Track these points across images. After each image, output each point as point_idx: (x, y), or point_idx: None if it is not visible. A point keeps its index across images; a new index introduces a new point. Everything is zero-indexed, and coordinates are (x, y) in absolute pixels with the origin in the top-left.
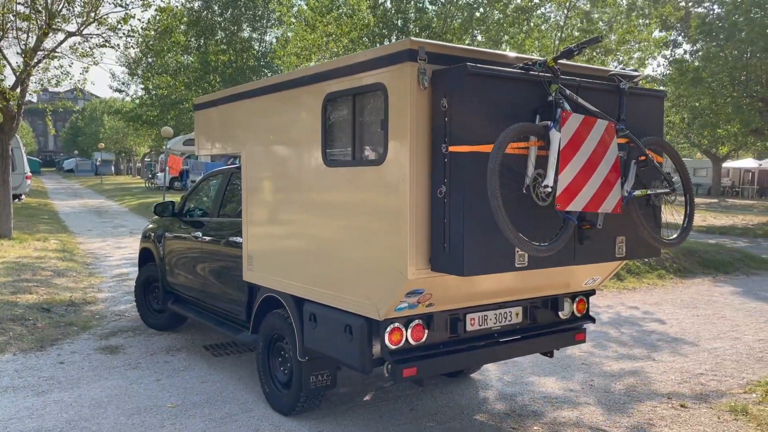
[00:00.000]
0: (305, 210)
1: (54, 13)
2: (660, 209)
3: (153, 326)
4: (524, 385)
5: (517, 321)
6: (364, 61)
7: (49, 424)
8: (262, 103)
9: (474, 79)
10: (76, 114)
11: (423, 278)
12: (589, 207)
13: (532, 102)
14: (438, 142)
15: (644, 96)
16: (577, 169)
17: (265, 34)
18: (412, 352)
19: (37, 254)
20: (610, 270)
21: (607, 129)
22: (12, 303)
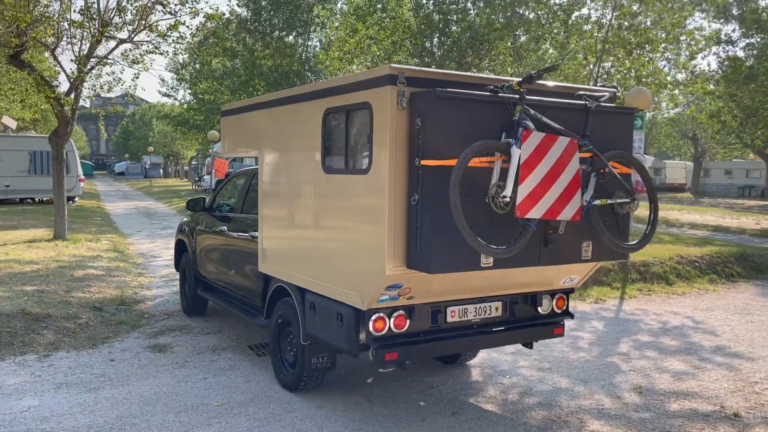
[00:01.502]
0: (308, 210)
1: (106, 20)
2: (626, 217)
3: (185, 311)
4: (564, 391)
5: (496, 314)
6: (356, 82)
7: (100, 420)
8: (274, 114)
9: (442, 102)
10: (126, 118)
11: (400, 274)
12: (549, 215)
13: (499, 121)
14: (413, 155)
15: (613, 113)
16: (537, 181)
17: (308, 39)
18: (395, 339)
19: (89, 254)
20: (587, 271)
21: (569, 145)
22: (66, 302)
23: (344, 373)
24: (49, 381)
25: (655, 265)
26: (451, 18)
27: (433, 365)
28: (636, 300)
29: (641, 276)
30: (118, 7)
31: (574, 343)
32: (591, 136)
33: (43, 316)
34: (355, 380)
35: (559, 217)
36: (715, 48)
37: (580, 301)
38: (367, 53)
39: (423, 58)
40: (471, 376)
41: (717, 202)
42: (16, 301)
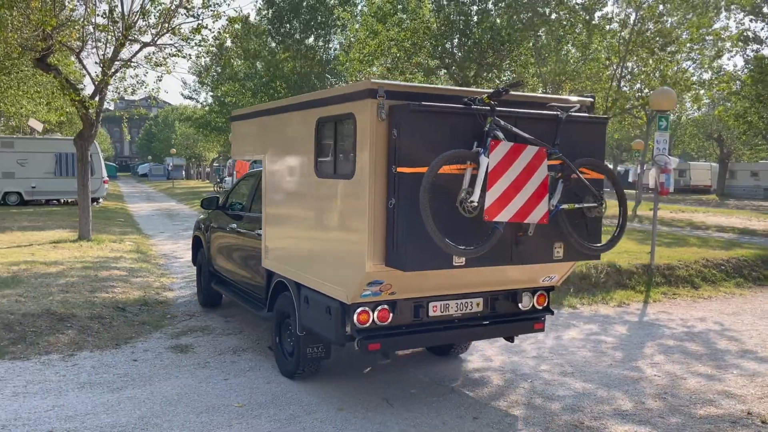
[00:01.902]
0: (303, 211)
1: (130, 24)
2: (597, 219)
3: (201, 303)
4: (587, 396)
5: (478, 310)
6: (342, 94)
7: (123, 419)
8: (276, 121)
9: (416, 115)
10: (149, 121)
11: (380, 271)
12: (516, 218)
13: (472, 131)
14: (391, 163)
15: (585, 122)
16: (505, 187)
17: (329, 42)
18: (378, 330)
19: (113, 255)
20: (565, 270)
21: (537, 153)
22: (90, 302)
23: (364, 376)
24: (72, 380)
25: (680, 268)
26: (472, 19)
27: (454, 368)
28: (660, 304)
29: (666, 279)
30: (141, 10)
31: (596, 347)
32: (561, 145)
33: (67, 315)
34: (375, 383)
35: (526, 221)
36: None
37: (603, 305)
38: (387, 55)
39: (443, 59)
40: (492, 379)
41: (743, 205)
42: (42, 301)
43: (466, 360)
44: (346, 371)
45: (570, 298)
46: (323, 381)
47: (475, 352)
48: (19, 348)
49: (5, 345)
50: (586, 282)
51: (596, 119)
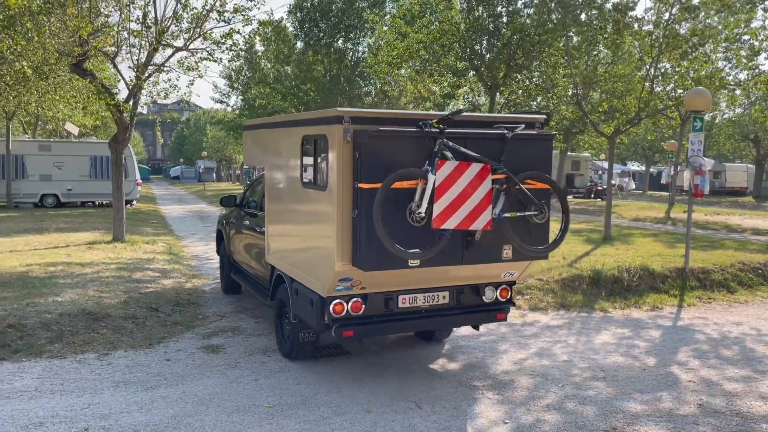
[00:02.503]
0: (292, 214)
1: (163, 29)
2: (542, 226)
3: (223, 290)
4: (621, 401)
5: (444, 302)
6: (319, 118)
7: (156, 418)
8: (274, 134)
9: (374, 138)
10: (181, 124)
11: (348, 270)
12: (461, 226)
13: (424, 151)
14: (355, 179)
15: (532, 139)
16: (451, 199)
17: (358, 44)
18: (352, 320)
19: (146, 256)
20: (523, 268)
21: (482, 170)
22: (124, 302)
23: (392, 378)
24: (107, 379)
25: (715, 272)
26: (501, 21)
27: (482, 370)
28: (695, 308)
29: (701, 283)
30: (174, 15)
31: (629, 351)
32: (508, 160)
33: (102, 315)
34: (403, 385)
35: (471, 228)
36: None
37: (635, 309)
38: (415, 57)
39: (472, 60)
40: (522, 383)
41: None
42: (78, 301)
43: (494, 363)
44: (375, 374)
45: (601, 301)
46: (352, 383)
47: (504, 354)
48: (56, 347)
49: (43, 344)
50: (618, 285)
51: (542, 136)
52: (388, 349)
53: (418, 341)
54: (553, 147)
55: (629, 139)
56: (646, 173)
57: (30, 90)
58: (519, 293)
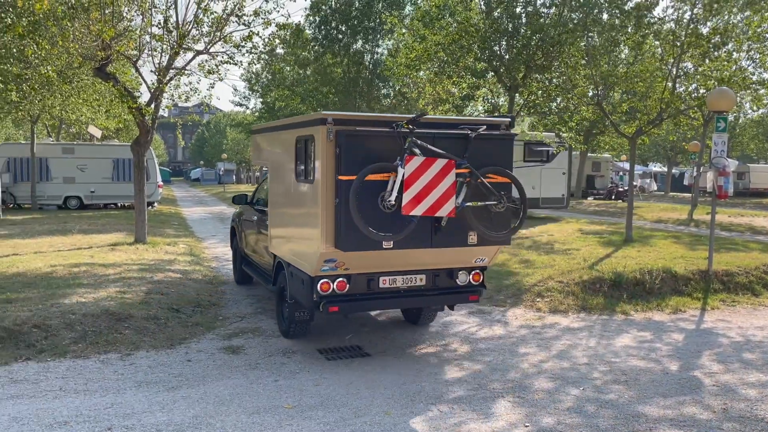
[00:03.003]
0: (289, 206)
1: (184, 33)
2: (502, 214)
3: (236, 281)
4: (642, 404)
5: (421, 284)
6: (308, 120)
7: (178, 418)
8: (274, 136)
9: (352, 137)
10: (202, 127)
11: (332, 252)
12: (428, 213)
13: (396, 148)
14: (337, 172)
15: (493, 138)
16: (418, 190)
17: (376, 46)
18: (338, 297)
19: (167, 257)
20: (492, 253)
21: (446, 165)
22: (146, 303)
23: (412, 380)
24: (130, 379)
25: (739, 274)
26: (520, 21)
27: (501, 372)
28: (719, 311)
29: (724, 286)
30: (195, 19)
31: (650, 355)
32: (472, 156)
33: (125, 316)
34: (422, 387)
35: (436, 215)
36: None
37: (657, 312)
38: (434, 59)
39: (491, 62)
40: (543, 385)
41: None
42: (101, 302)
43: (514, 365)
44: (394, 375)
45: (623, 304)
46: (371, 384)
47: (524, 356)
48: (80, 347)
49: (67, 344)
50: (640, 288)
51: (503, 136)
52: (407, 351)
53: (429, 343)
54: (513, 146)
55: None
56: (668, 174)
57: (54, 94)
58: (539, 295)
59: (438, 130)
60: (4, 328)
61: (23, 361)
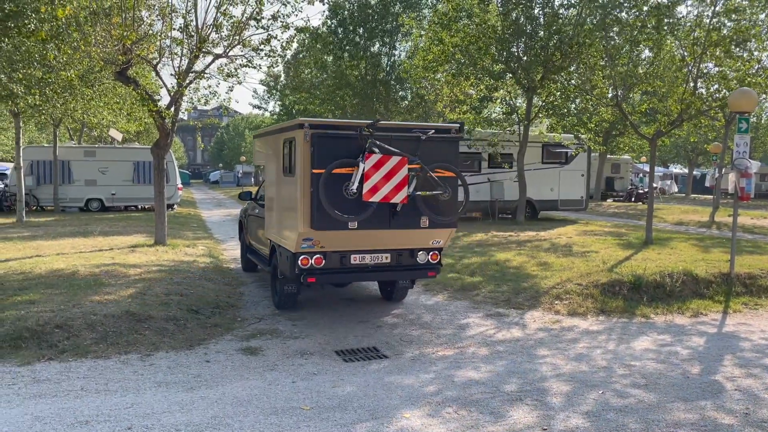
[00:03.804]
0: (278, 196)
1: (204, 37)
2: (449, 202)
3: (243, 269)
4: (662, 409)
5: (386, 262)
6: (291, 126)
7: (197, 419)
8: (268, 139)
9: (322, 139)
10: (221, 130)
11: (309, 232)
12: (384, 200)
13: (359, 147)
14: (312, 167)
15: (441, 140)
16: (376, 181)
17: (393, 48)
18: (315, 270)
19: (187, 259)
20: (446, 236)
21: (400, 161)
22: (166, 304)
23: (429, 382)
24: (150, 379)
25: (763, 277)
26: (539, 22)
27: (519, 374)
28: (741, 315)
29: (747, 289)
30: (214, 23)
31: (670, 358)
32: (422, 154)
33: (145, 317)
34: (439, 389)
35: (392, 201)
36: None
37: (678, 315)
38: (451, 61)
39: (509, 63)
40: (561, 388)
41: None
42: (121, 303)
43: (532, 368)
44: (411, 378)
45: (643, 307)
46: (388, 387)
47: (542, 359)
48: (101, 347)
49: (88, 344)
50: (660, 291)
51: (450, 138)
52: (424, 353)
53: (446, 345)
54: (458, 146)
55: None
56: (689, 176)
57: (76, 97)
58: (557, 298)
59: (395, 133)
60: (27, 328)
61: (46, 360)
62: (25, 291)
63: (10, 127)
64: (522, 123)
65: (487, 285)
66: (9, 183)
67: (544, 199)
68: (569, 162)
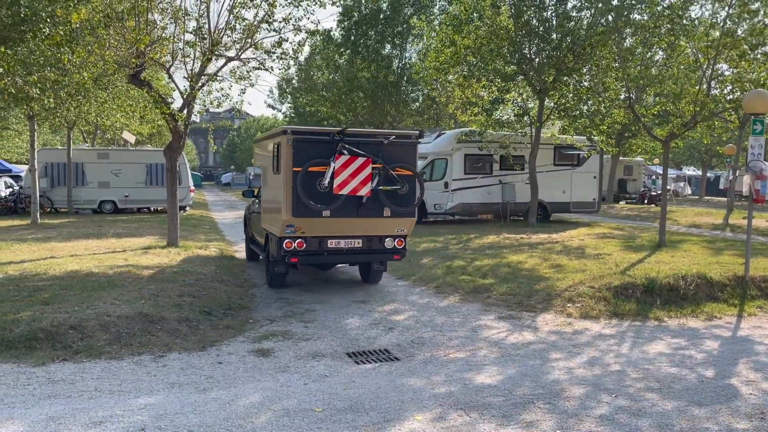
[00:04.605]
0: (269, 191)
1: (217, 40)
2: (406, 196)
3: (247, 259)
4: (678, 414)
5: (359, 246)
6: (278, 132)
7: (209, 420)
8: (263, 144)
9: (301, 143)
10: (233, 132)
11: (291, 220)
12: (352, 192)
13: (331, 150)
14: (293, 165)
15: (401, 144)
16: (344, 177)
17: (404, 50)
18: (298, 252)
19: (199, 261)
20: (409, 225)
21: (365, 161)
22: (178, 305)
23: (441, 385)
24: (162, 380)
25: None
26: (551, 24)
27: (532, 377)
28: (756, 318)
29: (762, 292)
30: (227, 26)
31: (684, 362)
32: (385, 156)
33: (158, 318)
34: (452, 392)
35: (358, 194)
36: None
37: (691, 318)
38: (463, 63)
39: (521, 65)
40: (574, 392)
41: None
42: (135, 305)
43: (545, 371)
44: (423, 380)
45: (656, 310)
46: (400, 389)
47: (555, 362)
48: (115, 348)
49: (102, 345)
50: (674, 294)
51: (408, 142)
52: (436, 355)
53: (458, 347)
54: (417, 150)
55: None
56: (702, 178)
57: (90, 100)
58: (570, 300)
59: (362, 138)
60: (42, 329)
61: (60, 361)
62: (40, 292)
63: (24, 129)
64: (534, 125)
65: (499, 287)
66: (23, 185)
67: (556, 201)
68: (581, 164)
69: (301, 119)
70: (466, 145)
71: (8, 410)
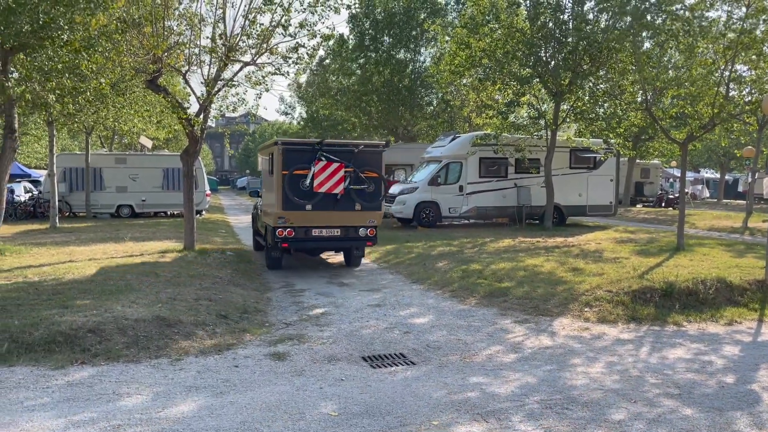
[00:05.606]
0: (268, 190)
1: (233, 45)
2: (373, 194)
3: (254, 249)
4: (697, 420)
5: (338, 234)
6: (272, 143)
7: (226, 424)
8: (263, 152)
9: (289, 152)
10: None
11: (282, 212)
12: (329, 191)
13: (312, 157)
14: (284, 169)
15: (370, 151)
16: (322, 178)
17: (419, 54)
18: (288, 239)
19: (216, 264)
20: (378, 217)
21: (339, 165)
22: (195, 309)
23: (458, 389)
24: (179, 384)
25: None
26: (567, 27)
27: (549, 381)
28: None
29: None
30: (242, 32)
31: (704, 368)
32: (355, 161)
33: (174, 322)
34: (468, 397)
35: (333, 192)
36: None
37: (711, 323)
38: (478, 66)
39: (537, 67)
40: (593, 397)
41: None
42: (152, 308)
43: (562, 376)
44: (439, 384)
45: (675, 315)
46: (416, 393)
47: (573, 368)
48: (132, 351)
49: (120, 348)
50: (693, 298)
51: (375, 150)
52: (452, 360)
53: (475, 352)
54: (382, 156)
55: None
56: (721, 181)
57: (108, 106)
58: (587, 305)
59: (337, 147)
60: (60, 332)
61: (78, 364)
62: (59, 296)
63: (44, 135)
64: (549, 128)
65: (515, 291)
66: (42, 190)
67: (572, 205)
68: (598, 167)
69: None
70: (481, 148)
71: (28, 413)
